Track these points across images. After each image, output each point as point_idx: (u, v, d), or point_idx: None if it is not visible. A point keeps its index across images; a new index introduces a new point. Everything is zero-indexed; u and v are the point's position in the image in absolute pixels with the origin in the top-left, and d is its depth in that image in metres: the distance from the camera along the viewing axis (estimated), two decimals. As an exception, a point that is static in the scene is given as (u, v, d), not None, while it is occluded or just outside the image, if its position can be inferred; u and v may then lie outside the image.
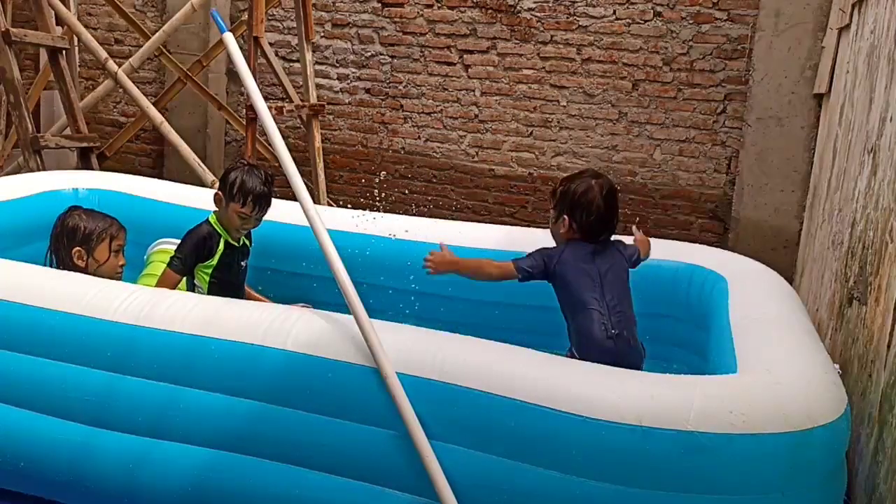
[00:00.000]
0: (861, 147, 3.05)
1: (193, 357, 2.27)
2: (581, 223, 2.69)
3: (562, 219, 2.72)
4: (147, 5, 6.78)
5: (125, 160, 6.81)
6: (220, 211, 3.19)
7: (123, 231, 3.15)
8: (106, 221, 3.12)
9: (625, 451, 1.89)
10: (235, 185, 3.10)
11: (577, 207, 2.68)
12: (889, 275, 2.29)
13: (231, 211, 3.14)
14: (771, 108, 5.04)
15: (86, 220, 3.10)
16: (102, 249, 3.07)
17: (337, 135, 6.32)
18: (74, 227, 3.07)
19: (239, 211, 3.13)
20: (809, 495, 1.95)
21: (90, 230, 3.07)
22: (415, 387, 2.07)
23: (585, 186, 2.69)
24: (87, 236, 3.06)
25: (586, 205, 2.67)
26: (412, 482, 2.07)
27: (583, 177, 2.74)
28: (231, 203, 3.13)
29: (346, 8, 6.16)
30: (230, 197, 3.12)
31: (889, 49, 2.74)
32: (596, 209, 2.68)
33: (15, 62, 4.66)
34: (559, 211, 2.73)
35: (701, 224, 5.51)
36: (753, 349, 2.26)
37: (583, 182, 2.70)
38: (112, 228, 3.10)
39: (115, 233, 3.10)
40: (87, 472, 2.31)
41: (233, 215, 3.15)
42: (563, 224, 2.72)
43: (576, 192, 2.68)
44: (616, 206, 2.75)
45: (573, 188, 2.70)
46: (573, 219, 2.70)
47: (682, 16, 5.35)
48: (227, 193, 3.13)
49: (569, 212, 2.69)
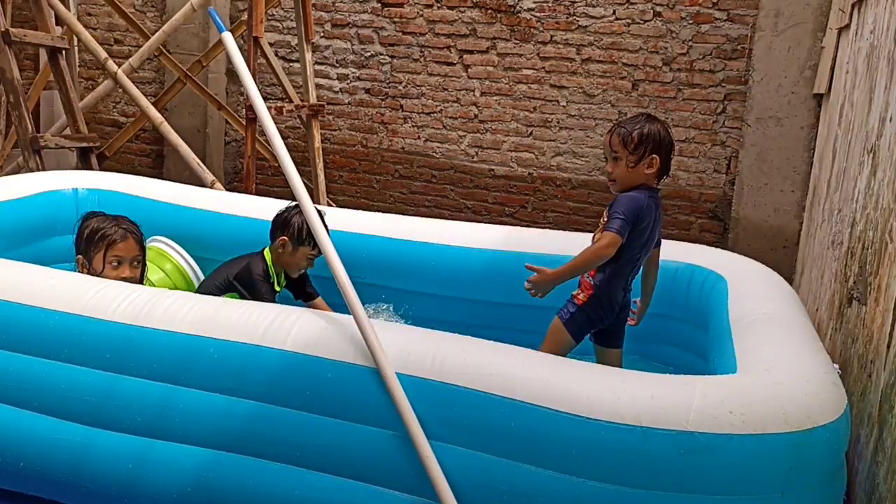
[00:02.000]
0: (861, 147, 3.05)
1: (192, 357, 2.27)
2: (665, 163, 2.86)
3: (647, 159, 2.82)
4: (147, 5, 6.78)
5: (125, 160, 6.82)
6: (283, 255, 3.25)
7: (129, 242, 2.92)
8: (110, 230, 2.89)
9: (624, 451, 1.89)
10: (304, 230, 3.16)
11: (664, 145, 2.83)
12: (889, 275, 2.29)
13: (301, 254, 3.24)
14: (771, 108, 5.04)
15: (94, 224, 2.92)
16: (98, 259, 2.87)
17: (337, 135, 6.32)
18: (80, 233, 2.92)
19: (310, 253, 3.23)
20: (809, 495, 1.95)
21: (90, 237, 2.89)
22: (414, 387, 2.07)
23: (662, 127, 2.85)
24: (87, 243, 2.90)
25: (669, 144, 2.86)
26: (412, 482, 2.07)
27: (647, 119, 2.87)
28: (301, 247, 3.22)
29: (345, 8, 6.16)
30: (300, 242, 3.21)
31: (889, 49, 2.74)
32: (674, 147, 2.91)
33: (15, 62, 4.66)
34: (643, 153, 2.81)
35: (701, 224, 5.51)
36: (753, 349, 2.26)
37: (654, 123, 2.85)
38: (113, 236, 2.88)
39: (113, 241, 2.88)
40: (87, 472, 2.31)
41: (302, 258, 3.25)
42: (649, 163, 2.82)
43: (660, 133, 2.83)
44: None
45: (655, 129, 2.83)
46: (663, 160, 2.84)
47: (681, 16, 5.36)
48: (296, 238, 3.21)
49: (657, 152, 2.82)
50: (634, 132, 2.82)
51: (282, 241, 3.23)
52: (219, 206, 3.84)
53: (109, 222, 2.95)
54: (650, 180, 2.85)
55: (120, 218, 3.01)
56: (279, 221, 3.27)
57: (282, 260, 3.26)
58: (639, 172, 2.83)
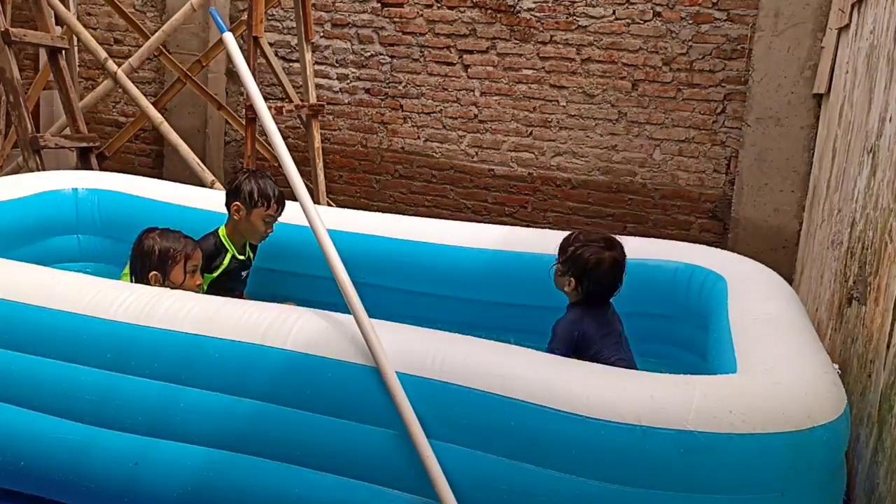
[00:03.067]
0: (860, 147, 3.05)
1: (193, 356, 2.27)
2: (587, 290, 2.78)
3: (568, 279, 2.79)
4: (147, 5, 6.78)
5: (125, 160, 6.82)
6: (239, 221, 3.25)
7: (199, 252, 3.07)
8: (180, 242, 3.03)
9: (624, 450, 1.89)
10: (255, 192, 3.17)
11: (586, 276, 2.76)
12: (888, 275, 2.29)
13: (256, 217, 3.22)
14: (770, 109, 5.05)
15: (160, 241, 3.01)
16: (178, 271, 2.99)
17: (337, 135, 6.32)
18: (150, 250, 2.99)
19: (265, 214, 3.22)
20: (809, 495, 1.95)
21: (164, 252, 2.98)
22: (414, 386, 2.07)
23: (597, 259, 2.75)
24: (162, 259, 2.98)
25: (595, 276, 2.76)
26: (412, 482, 2.07)
27: (598, 245, 2.79)
28: (255, 209, 3.21)
29: (345, 8, 6.16)
30: (252, 204, 3.21)
31: (888, 49, 2.75)
32: (605, 281, 2.78)
33: (14, 62, 4.66)
34: (567, 269, 2.79)
35: (700, 224, 5.51)
36: (753, 349, 2.26)
37: (596, 252, 2.76)
38: (187, 248, 3.02)
39: (189, 252, 3.02)
40: (88, 471, 2.31)
41: (258, 221, 3.23)
42: (568, 283, 2.80)
43: (588, 262, 2.75)
44: (622, 278, 2.83)
45: (586, 256, 2.76)
46: (580, 283, 2.78)
47: (681, 16, 5.36)
48: (248, 202, 3.20)
49: (576, 276, 2.77)
50: (570, 244, 2.81)
51: (235, 207, 3.23)
52: (219, 206, 3.83)
53: (174, 236, 3.05)
54: (577, 298, 2.80)
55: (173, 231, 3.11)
56: (230, 189, 3.28)
57: (240, 228, 3.27)
58: (561, 284, 2.83)
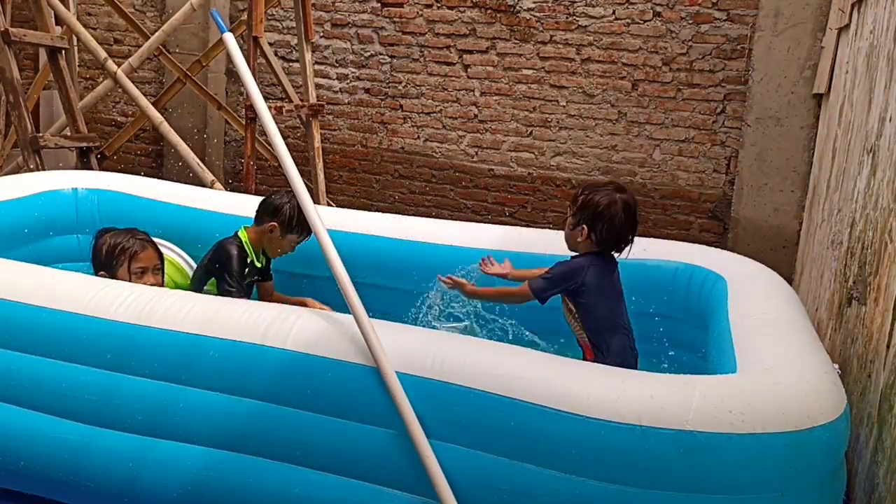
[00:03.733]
0: (860, 147, 3.05)
1: (193, 356, 2.27)
2: (600, 236, 2.66)
3: (580, 228, 2.68)
4: (146, 5, 6.78)
5: (125, 160, 6.82)
6: (269, 239, 3.27)
7: (148, 251, 2.99)
8: (129, 243, 2.96)
9: (624, 450, 1.89)
10: (295, 219, 3.19)
11: (599, 220, 2.64)
12: (888, 275, 2.29)
13: (288, 241, 3.26)
14: (770, 108, 5.05)
15: (109, 241, 2.97)
16: (123, 272, 2.93)
17: (336, 135, 6.32)
18: (98, 249, 2.97)
19: (297, 240, 3.27)
20: (809, 495, 1.95)
21: (109, 252, 2.94)
22: (414, 386, 2.07)
23: (609, 200, 2.64)
24: (108, 258, 2.94)
25: (608, 218, 2.64)
26: (412, 482, 2.07)
27: (607, 188, 2.69)
28: (289, 235, 3.24)
29: (345, 8, 6.16)
30: (289, 229, 3.23)
31: (888, 49, 2.75)
32: (618, 224, 2.65)
33: (14, 62, 4.66)
34: (578, 219, 2.69)
35: (700, 224, 5.51)
36: (753, 349, 2.26)
37: (607, 194, 2.65)
38: (133, 249, 2.95)
39: (135, 253, 2.94)
40: (88, 471, 2.31)
41: (287, 245, 3.28)
42: (581, 233, 2.68)
43: (599, 204, 2.64)
44: (636, 223, 2.71)
45: (597, 199, 2.65)
46: (592, 230, 2.66)
47: (681, 16, 5.36)
48: (286, 226, 3.22)
49: (589, 223, 2.66)
50: (579, 194, 2.72)
51: (271, 226, 3.25)
52: (219, 206, 3.84)
53: (125, 236, 3.01)
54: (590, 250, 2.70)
55: (133, 230, 3.07)
56: (270, 206, 3.29)
57: (265, 242, 3.30)
58: (573, 237, 2.73)
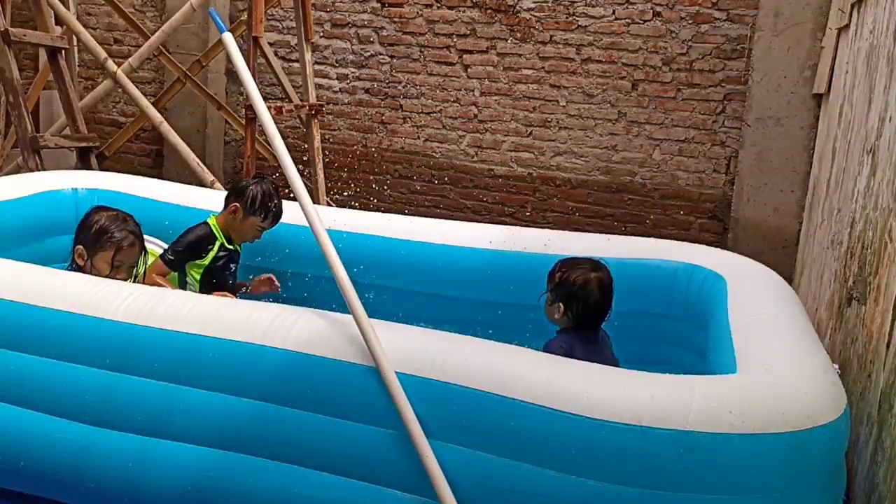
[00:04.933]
0: (860, 147, 3.05)
1: (193, 356, 2.27)
2: (576, 314, 2.73)
3: (557, 305, 2.75)
4: (146, 5, 6.78)
5: (124, 160, 6.81)
6: (233, 221, 3.28)
7: (134, 250, 2.90)
8: (121, 232, 2.86)
9: (624, 450, 1.89)
10: (257, 201, 3.20)
11: (574, 299, 2.71)
12: (888, 275, 2.29)
13: (249, 223, 3.26)
14: (770, 109, 5.05)
15: (103, 222, 2.87)
16: (103, 258, 2.82)
17: (336, 135, 6.32)
18: (90, 224, 2.86)
19: (258, 225, 3.26)
20: (809, 495, 1.95)
21: (99, 233, 2.84)
22: (415, 387, 2.07)
23: (584, 279, 2.71)
24: (95, 239, 2.84)
25: (583, 298, 2.70)
26: (412, 482, 2.07)
27: (584, 267, 2.75)
28: (251, 217, 3.24)
29: (345, 8, 6.16)
30: (250, 211, 3.24)
31: (888, 49, 2.75)
32: (593, 304, 2.72)
33: (14, 62, 4.66)
34: (556, 297, 2.75)
35: (700, 224, 5.51)
36: (753, 349, 2.26)
37: (582, 273, 2.73)
38: (123, 241, 2.85)
39: (122, 246, 2.85)
40: (88, 471, 2.31)
41: (249, 227, 3.27)
42: (558, 310, 2.75)
43: (574, 283, 2.71)
44: (611, 299, 2.77)
45: (572, 278, 2.72)
46: (569, 308, 2.73)
47: (681, 16, 5.36)
48: (247, 207, 3.23)
49: (565, 301, 2.73)
50: (557, 270, 2.77)
51: (233, 208, 3.27)
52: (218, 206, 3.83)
53: (119, 224, 2.89)
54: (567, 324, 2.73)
55: (128, 218, 2.95)
56: (236, 188, 3.32)
57: (232, 227, 3.31)
58: (551, 313, 2.77)
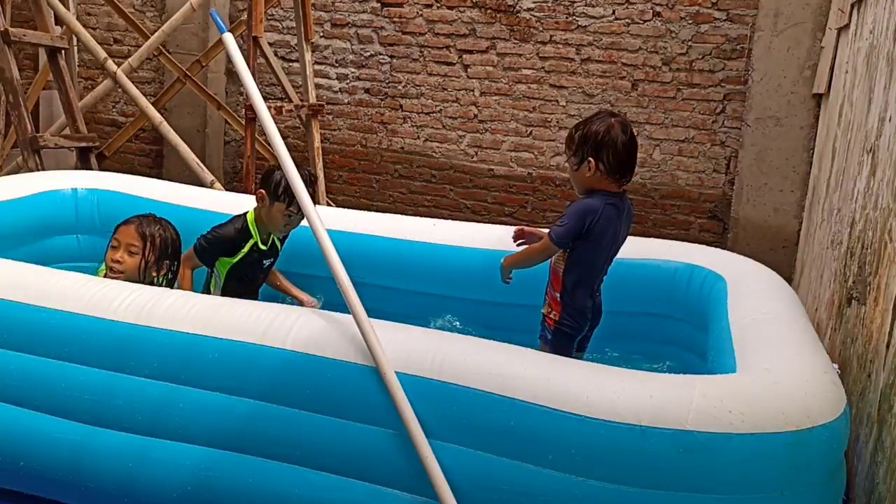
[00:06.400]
0: (860, 147, 3.05)
1: (193, 356, 2.27)
2: (609, 164, 2.60)
3: (586, 163, 2.61)
4: (146, 5, 6.78)
5: (124, 160, 6.82)
6: (262, 209, 3.24)
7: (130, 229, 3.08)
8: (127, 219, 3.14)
9: (624, 450, 1.89)
10: (281, 186, 3.12)
11: (603, 147, 2.59)
12: (888, 275, 2.29)
13: (275, 211, 3.20)
14: (770, 108, 5.05)
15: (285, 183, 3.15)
16: (279, 209, 3.20)
17: (336, 135, 6.32)
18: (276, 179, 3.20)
19: (284, 211, 3.19)
20: (808, 495, 1.95)
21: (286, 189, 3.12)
22: (415, 387, 2.07)
23: (606, 125, 2.60)
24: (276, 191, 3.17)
25: (611, 143, 2.58)
26: (412, 482, 2.07)
27: (599, 117, 2.65)
28: (276, 203, 3.18)
29: (345, 8, 6.16)
30: (275, 196, 3.18)
31: (888, 49, 2.75)
32: (622, 146, 2.60)
33: (14, 62, 4.66)
34: (581, 156, 2.62)
35: (700, 224, 5.51)
36: (752, 349, 2.26)
37: (602, 121, 2.61)
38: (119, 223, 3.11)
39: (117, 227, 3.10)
40: (87, 470, 2.31)
41: (277, 215, 3.21)
42: (588, 168, 2.61)
43: (598, 133, 2.59)
44: (636, 143, 2.67)
45: (594, 129, 2.60)
46: (599, 160, 2.60)
47: (681, 16, 5.36)
48: (272, 193, 3.18)
49: (594, 153, 2.60)
50: (574, 132, 2.66)
51: (260, 195, 3.24)
52: (218, 206, 3.84)
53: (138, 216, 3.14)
54: (601, 184, 2.63)
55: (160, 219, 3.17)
56: (264, 175, 3.29)
57: (262, 216, 3.27)
58: (581, 176, 2.66)
